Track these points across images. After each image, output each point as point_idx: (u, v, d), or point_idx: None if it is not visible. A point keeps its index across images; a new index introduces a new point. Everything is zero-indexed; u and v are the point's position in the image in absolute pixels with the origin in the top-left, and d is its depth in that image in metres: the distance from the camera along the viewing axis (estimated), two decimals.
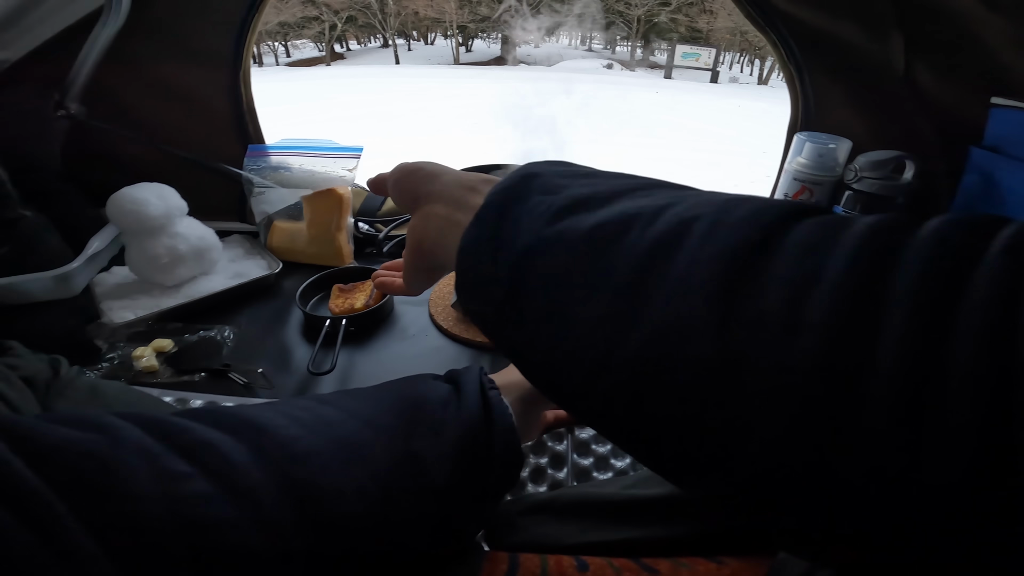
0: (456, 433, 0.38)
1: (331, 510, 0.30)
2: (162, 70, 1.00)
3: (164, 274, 0.86)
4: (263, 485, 0.28)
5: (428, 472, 0.35)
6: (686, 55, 16.31)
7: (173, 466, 0.26)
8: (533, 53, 21.01)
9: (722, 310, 0.19)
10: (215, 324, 0.84)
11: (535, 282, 0.24)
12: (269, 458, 0.29)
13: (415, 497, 0.34)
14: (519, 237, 0.25)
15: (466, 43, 21.20)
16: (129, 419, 0.27)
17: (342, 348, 0.77)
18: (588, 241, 0.23)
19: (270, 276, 0.95)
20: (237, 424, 0.30)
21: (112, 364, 0.76)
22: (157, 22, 0.96)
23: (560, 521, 0.48)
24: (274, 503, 0.28)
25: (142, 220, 0.81)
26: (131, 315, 0.83)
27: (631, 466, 0.65)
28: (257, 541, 0.26)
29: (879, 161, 0.81)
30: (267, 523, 0.27)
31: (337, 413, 0.35)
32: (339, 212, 0.98)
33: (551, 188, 0.27)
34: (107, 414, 0.27)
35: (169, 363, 0.77)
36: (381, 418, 0.36)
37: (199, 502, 0.25)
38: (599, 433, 0.25)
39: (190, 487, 0.25)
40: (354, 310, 0.85)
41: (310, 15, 16.25)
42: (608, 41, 22.67)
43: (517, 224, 0.26)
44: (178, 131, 1.04)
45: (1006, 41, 0.69)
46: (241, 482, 0.27)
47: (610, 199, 0.25)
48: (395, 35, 18.91)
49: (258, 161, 1.02)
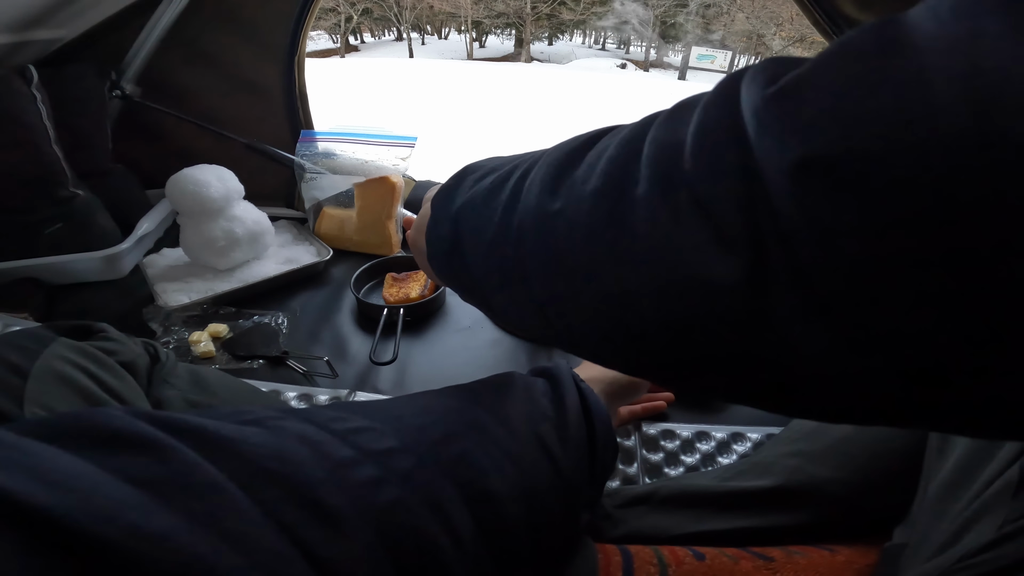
0: (564, 420, 0.39)
1: (482, 486, 0.30)
2: (218, 54, 1.00)
3: (219, 257, 0.85)
4: (418, 467, 0.28)
5: (551, 453, 0.36)
6: (701, 57, 16.26)
7: (336, 451, 0.25)
8: (546, 50, 20.97)
9: (552, 189, 0.25)
10: (268, 310, 0.84)
11: (464, 226, 0.32)
12: (415, 441, 0.29)
13: (546, 476, 0.35)
14: (455, 203, 0.33)
15: (480, 39, 21.17)
16: (272, 410, 0.27)
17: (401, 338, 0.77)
18: (487, 190, 0.31)
19: (320, 263, 0.94)
20: (373, 413, 0.30)
21: (169, 348, 0.75)
22: (218, 5, 0.95)
23: (661, 513, 0.49)
24: (435, 482, 0.28)
25: (203, 201, 0.80)
26: (185, 298, 0.82)
27: (701, 462, 0.64)
28: (427, 521, 0.26)
29: None
30: (432, 502, 0.27)
31: (457, 402, 0.36)
32: (391, 201, 0.97)
33: (481, 173, 0.34)
34: (251, 407, 0.27)
35: (225, 348, 0.76)
36: (498, 407, 0.37)
37: (373, 486, 0.25)
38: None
39: (360, 472, 0.25)
40: (410, 299, 0.84)
41: (327, 6, 16.24)
42: (622, 41, 22.59)
43: (455, 198, 0.34)
44: (230, 115, 1.03)
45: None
46: (398, 464, 0.27)
47: (505, 164, 0.32)
48: (409, 29, 18.89)
49: (309, 147, 1.01)
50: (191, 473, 0.20)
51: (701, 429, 0.68)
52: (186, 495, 0.19)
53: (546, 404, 0.40)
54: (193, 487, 0.20)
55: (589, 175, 0.24)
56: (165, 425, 0.21)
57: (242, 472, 0.21)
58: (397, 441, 0.28)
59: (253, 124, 1.04)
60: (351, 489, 0.24)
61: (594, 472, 0.41)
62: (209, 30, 0.97)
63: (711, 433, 0.68)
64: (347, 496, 0.24)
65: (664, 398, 0.70)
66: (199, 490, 0.20)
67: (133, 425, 0.21)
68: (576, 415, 0.41)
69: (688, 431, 0.68)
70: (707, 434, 0.68)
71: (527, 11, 16.81)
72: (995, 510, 0.35)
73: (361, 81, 9.69)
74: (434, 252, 0.36)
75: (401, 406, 0.33)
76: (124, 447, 0.20)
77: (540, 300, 0.27)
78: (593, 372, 0.56)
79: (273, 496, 0.21)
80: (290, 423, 0.26)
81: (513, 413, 0.37)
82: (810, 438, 0.53)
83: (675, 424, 0.69)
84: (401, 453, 0.28)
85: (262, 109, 1.04)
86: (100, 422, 0.21)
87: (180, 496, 0.19)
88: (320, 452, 0.25)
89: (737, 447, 0.67)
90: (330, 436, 0.26)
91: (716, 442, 0.67)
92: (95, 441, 0.20)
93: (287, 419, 0.26)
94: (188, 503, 0.19)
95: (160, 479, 0.19)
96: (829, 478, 0.49)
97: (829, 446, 0.51)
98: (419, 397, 0.36)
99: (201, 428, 0.22)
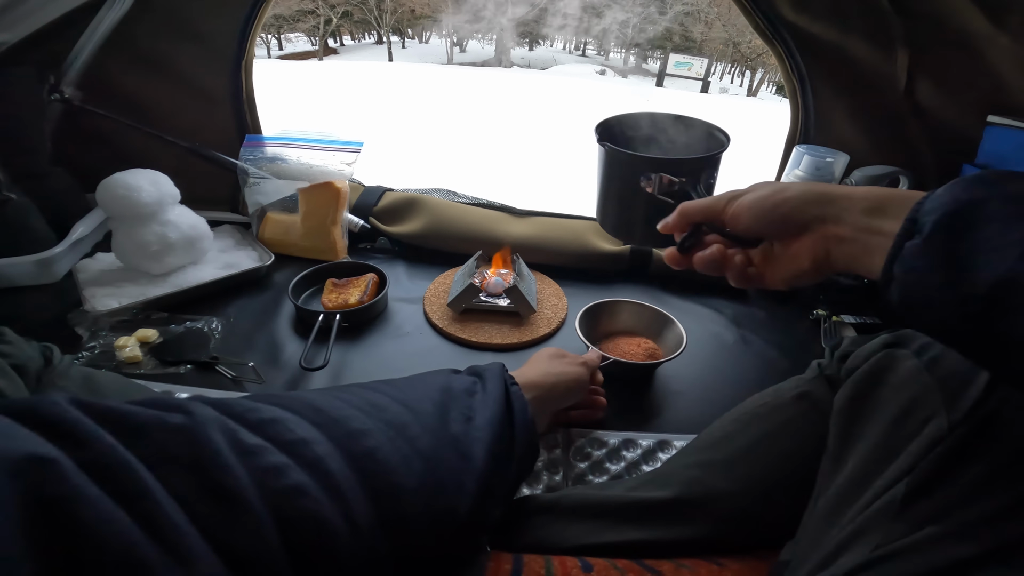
0: (484, 420, 0.41)
1: (388, 480, 0.32)
2: (163, 56, 0.98)
3: (152, 262, 0.84)
4: (330, 455, 0.30)
5: (467, 453, 0.38)
6: (679, 64, 16.46)
7: (247, 440, 0.28)
8: (527, 56, 21.06)
9: None
10: (203, 316, 0.82)
11: (1014, 306, 0.26)
12: (330, 433, 0.31)
13: (456, 474, 0.37)
14: (987, 266, 0.27)
15: (460, 43, 21.18)
16: (198, 400, 0.29)
17: (335, 344, 0.76)
18: None
19: (261, 268, 0.93)
20: (296, 404, 0.33)
21: (93, 353, 0.74)
22: (163, 8, 0.94)
23: (564, 523, 0.49)
24: (341, 472, 0.30)
25: (133, 206, 0.79)
26: (115, 303, 0.80)
27: (625, 470, 0.65)
28: (330, 510, 0.28)
29: (874, 176, 0.82)
30: (337, 491, 0.29)
31: (382, 398, 0.38)
32: (336, 206, 0.96)
33: (1007, 217, 0.28)
34: (178, 396, 0.29)
35: (154, 354, 0.75)
36: (419, 404, 0.39)
37: (276, 472, 0.27)
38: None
39: (267, 459, 0.28)
40: (348, 305, 0.84)
41: (306, 8, 16.07)
42: (601, 47, 22.79)
43: (976, 253, 0.28)
44: (174, 118, 1.02)
45: (1008, 59, 0.70)
46: (309, 453, 0.30)
47: None
48: (389, 32, 18.81)
49: (255, 152, 1.00)
50: (109, 454, 0.23)
51: (628, 437, 0.69)
52: (104, 473, 0.22)
53: (469, 404, 0.42)
54: (110, 467, 0.23)
55: None
56: (91, 411, 0.24)
57: (152, 455, 0.24)
58: (311, 432, 0.31)
59: (199, 128, 1.03)
60: (254, 474, 0.26)
61: (508, 474, 0.42)
62: (154, 34, 0.96)
63: (638, 441, 0.69)
64: (249, 480, 0.26)
65: (599, 404, 0.70)
66: (114, 469, 0.23)
67: (65, 412, 0.24)
68: (498, 417, 0.42)
69: (615, 439, 0.69)
70: (634, 442, 0.68)
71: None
72: (874, 529, 0.35)
73: (336, 85, 9.61)
74: (925, 316, 0.30)
75: (324, 398, 0.35)
76: (53, 435, 0.23)
77: None
78: (531, 376, 0.56)
79: (177, 476, 0.24)
80: (209, 412, 0.28)
81: (433, 411, 0.39)
82: (712, 449, 0.53)
83: (604, 432, 0.69)
84: (313, 443, 0.30)
85: (208, 113, 1.03)
86: (41, 409, 0.24)
87: (101, 473, 0.22)
88: (232, 439, 0.27)
89: (662, 455, 0.67)
90: (242, 426, 0.29)
91: (642, 450, 0.68)
92: (36, 425, 0.23)
93: (207, 408, 0.29)
94: (103, 480, 0.22)
95: (83, 460, 0.22)
96: (726, 490, 0.48)
97: (729, 458, 0.51)
98: (344, 390, 0.38)
99: (122, 414, 0.25)
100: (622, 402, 0.74)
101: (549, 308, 0.91)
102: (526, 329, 0.86)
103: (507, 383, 0.47)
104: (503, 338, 0.84)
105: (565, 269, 1.02)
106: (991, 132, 0.73)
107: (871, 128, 0.90)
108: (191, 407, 0.28)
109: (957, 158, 0.78)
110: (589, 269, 1.02)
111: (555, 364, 0.61)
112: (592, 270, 1.02)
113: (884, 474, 0.37)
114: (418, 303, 0.92)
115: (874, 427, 0.41)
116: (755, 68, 16.68)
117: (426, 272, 1.00)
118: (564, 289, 0.97)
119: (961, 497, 0.34)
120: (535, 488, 0.62)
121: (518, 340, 0.84)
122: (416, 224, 1.04)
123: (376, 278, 0.90)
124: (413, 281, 0.98)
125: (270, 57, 16.86)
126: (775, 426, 0.52)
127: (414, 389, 0.41)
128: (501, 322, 0.87)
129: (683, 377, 0.80)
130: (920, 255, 0.29)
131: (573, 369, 0.61)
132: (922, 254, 0.29)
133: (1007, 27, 0.67)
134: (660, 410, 0.75)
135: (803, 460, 0.48)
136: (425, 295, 0.93)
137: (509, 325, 0.87)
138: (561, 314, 0.90)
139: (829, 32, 0.84)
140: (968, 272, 0.28)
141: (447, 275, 0.98)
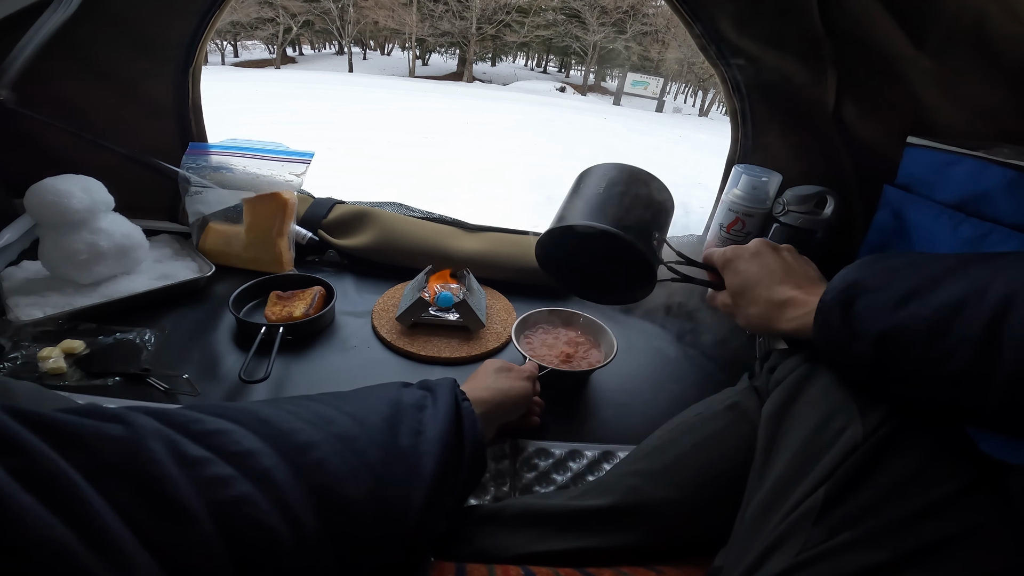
0: (434, 434, 0.41)
1: (336, 492, 0.32)
2: (106, 61, 0.94)
3: (80, 271, 0.80)
4: (276, 467, 0.30)
5: (415, 467, 0.38)
6: (636, 83, 16.97)
7: (190, 451, 0.27)
8: (489, 71, 21.27)
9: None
10: (135, 327, 0.79)
11: (894, 353, 0.39)
12: (277, 445, 0.31)
13: (405, 486, 0.37)
14: (870, 325, 0.40)
15: (423, 56, 21.20)
16: (139, 410, 0.29)
17: (278, 357, 0.74)
18: (930, 324, 0.37)
19: (200, 279, 0.90)
20: (242, 416, 0.32)
21: (15, 364, 0.70)
22: (110, 12, 0.90)
23: (507, 532, 0.49)
24: (288, 483, 0.30)
25: (63, 213, 0.75)
26: (39, 313, 0.76)
27: (571, 480, 0.66)
28: (276, 520, 0.28)
29: (803, 196, 0.86)
30: (284, 502, 0.29)
31: (330, 410, 0.38)
32: (282, 217, 0.95)
33: (877, 286, 0.41)
34: (119, 407, 0.29)
35: (79, 365, 0.71)
36: (368, 418, 0.39)
37: (221, 483, 0.27)
38: None
39: (210, 470, 0.27)
40: (292, 318, 0.82)
41: (265, 16, 15.73)
42: (562, 64, 23.25)
43: (860, 317, 0.41)
44: (115, 124, 0.97)
45: (929, 80, 0.73)
46: (256, 464, 0.29)
47: (933, 286, 0.38)
48: (351, 43, 18.65)
49: (198, 160, 0.97)
50: (43, 462, 0.23)
51: (574, 448, 0.70)
52: (38, 481, 0.22)
53: (419, 418, 0.42)
54: (44, 475, 0.22)
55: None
56: (25, 419, 0.24)
57: (89, 464, 0.24)
58: (257, 444, 0.31)
59: (140, 134, 0.99)
60: (198, 484, 0.26)
61: (455, 487, 0.43)
62: (98, 38, 0.92)
63: (583, 452, 0.69)
64: (192, 490, 0.26)
65: (536, 410, 0.71)
66: (48, 477, 0.22)
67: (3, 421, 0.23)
68: (447, 432, 0.43)
69: (561, 450, 0.69)
70: (580, 453, 0.69)
71: (472, 31, 17.01)
72: (796, 534, 0.36)
73: (291, 94, 9.44)
74: (842, 365, 0.44)
75: (271, 410, 0.35)
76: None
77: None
78: (480, 391, 0.57)
79: (115, 486, 0.24)
80: (150, 422, 0.28)
81: (382, 424, 0.39)
82: (648, 459, 0.54)
83: (550, 443, 0.70)
84: (259, 455, 0.30)
85: (151, 119, 0.99)
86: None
87: (35, 481, 0.22)
88: (174, 450, 0.27)
89: (607, 465, 0.68)
90: (185, 437, 0.28)
91: (588, 460, 0.68)
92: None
93: (148, 419, 0.28)
94: (37, 488, 0.21)
95: (16, 468, 0.22)
96: (663, 498, 0.49)
97: (666, 466, 0.52)
98: (292, 402, 0.38)
99: (58, 423, 0.25)
100: (564, 408, 0.76)
101: (499, 323, 0.92)
102: (475, 343, 0.86)
103: (458, 398, 0.48)
104: (452, 352, 0.83)
105: (516, 284, 1.03)
106: (910, 153, 0.75)
107: (803, 148, 0.95)
108: (130, 417, 0.27)
109: (881, 178, 0.81)
110: (540, 284, 1.03)
111: (501, 379, 0.62)
112: (543, 286, 1.03)
113: (805, 481, 0.39)
114: (366, 317, 0.91)
115: (796, 436, 0.43)
116: (707, 88, 17.32)
117: (375, 286, 0.99)
118: (514, 304, 0.98)
119: (875, 503, 0.36)
120: (482, 499, 0.62)
121: (467, 354, 0.84)
122: (366, 237, 1.03)
123: (323, 291, 0.89)
124: (361, 295, 0.96)
125: (224, 64, 16.43)
126: (707, 436, 0.54)
127: (363, 402, 0.41)
128: (450, 336, 0.87)
129: (627, 390, 0.81)
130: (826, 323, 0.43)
131: (519, 384, 0.63)
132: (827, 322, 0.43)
133: (927, 50, 0.71)
134: (604, 421, 0.76)
135: (734, 468, 0.50)
136: (374, 308, 0.92)
137: (458, 339, 0.86)
138: (510, 329, 0.90)
139: (767, 54, 0.88)
140: (858, 331, 0.40)
141: (396, 289, 0.97)
